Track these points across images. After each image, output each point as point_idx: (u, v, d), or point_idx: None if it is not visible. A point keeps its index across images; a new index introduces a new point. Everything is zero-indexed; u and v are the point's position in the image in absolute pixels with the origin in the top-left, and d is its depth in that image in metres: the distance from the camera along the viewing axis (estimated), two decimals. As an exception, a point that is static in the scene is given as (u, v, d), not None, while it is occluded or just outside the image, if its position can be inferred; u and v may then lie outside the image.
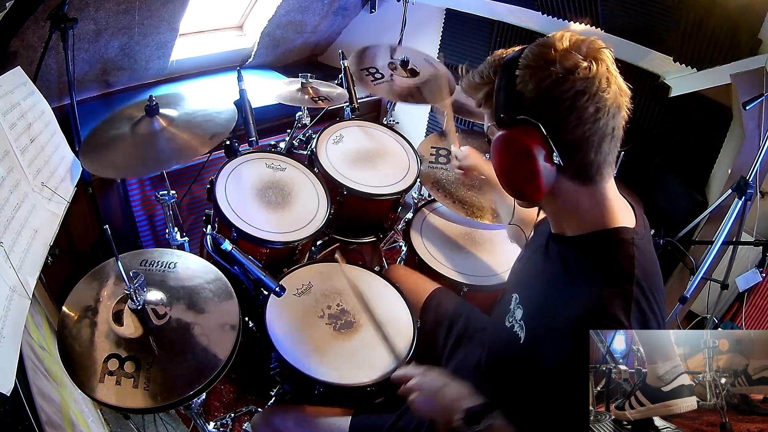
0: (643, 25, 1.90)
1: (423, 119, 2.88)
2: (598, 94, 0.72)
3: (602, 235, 0.80)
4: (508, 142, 0.77)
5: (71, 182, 1.34)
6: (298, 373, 1.13)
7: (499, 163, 0.81)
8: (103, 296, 1.09)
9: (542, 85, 0.72)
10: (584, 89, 0.71)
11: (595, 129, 0.74)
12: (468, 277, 1.55)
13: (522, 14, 2.26)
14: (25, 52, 1.55)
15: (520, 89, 0.74)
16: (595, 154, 0.76)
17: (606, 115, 0.74)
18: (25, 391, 0.93)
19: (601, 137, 0.75)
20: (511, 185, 0.82)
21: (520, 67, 0.74)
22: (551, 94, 0.72)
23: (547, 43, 0.75)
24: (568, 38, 0.74)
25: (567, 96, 0.72)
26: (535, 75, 0.73)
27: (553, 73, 0.71)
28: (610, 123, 0.75)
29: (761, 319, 2.07)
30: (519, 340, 0.85)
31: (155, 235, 2.08)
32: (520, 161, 0.76)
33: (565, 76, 0.71)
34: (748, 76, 1.67)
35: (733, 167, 1.84)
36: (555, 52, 0.72)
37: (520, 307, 0.88)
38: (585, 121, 0.73)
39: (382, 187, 1.67)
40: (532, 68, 0.73)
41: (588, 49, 0.73)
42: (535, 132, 0.74)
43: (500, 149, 0.79)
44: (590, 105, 0.72)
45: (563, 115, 0.73)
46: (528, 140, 0.74)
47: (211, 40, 2.41)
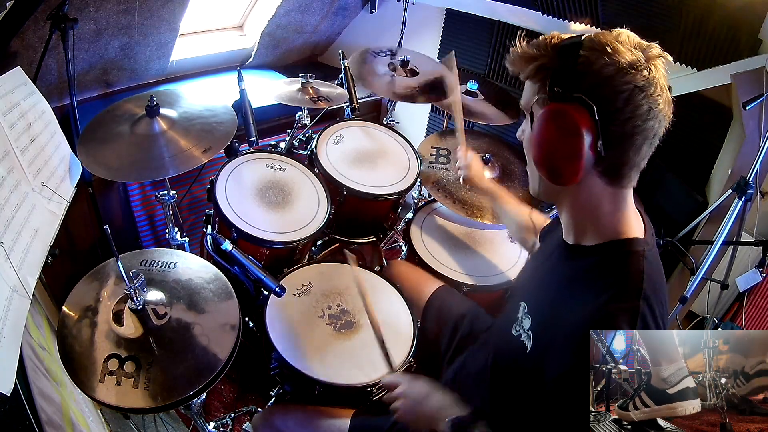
0: (643, 25, 1.89)
1: (423, 119, 2.88)
2: (654, 95, 0.73)
3: (615, 246, 0.80)
4: (558, 115, 0.75)
5: (71, 182, 1.34)
6: (298, 373, 1.13)
7: (543, 137, 0.79)
8: (103, 296, 1.09)
9: (605, 71, 0.72)
10: (643, 87, 0.72)
11: (642, 128, 0.74)
12: (468, 276, 1.56)
13: (522, 14, 2.26)
14: (25, 52, 1.55)
15: (582, 69, 0.73)
16: (634, 153, 0.76)
17: (655, 118, 0.74)
18: (25, 391, 0.93)
19: (644, 139, 0.75)
20: (549, 161, 0.80)
21: (585, 49, 0.74)
22: (612, 81, 0.72)
23: (612, 35, 0.75)
24: (632, 37, 0.75)
25: (627, 88, 0.72)
26: (599, 59, 0.72)
27: (618, 62, 0.72)
28: (656, 127, 0.75)
29: (761, 319, 2.07)
30: (525, 349, 0.85)
31: (155, 235, 2.08)
32: (566, 138, 0.75)
33: (628, 69, 0.71)
34: (748, 76, 1.67)
35: (733, 167, 1.84)
36: (620, 45, 0.73)
37: (528, 317, 0.88)
38: (637, 117, 0.73)
39: (382, 187, 1.67)
40: (598, 52, 0.73)
41: (649, 52, 0.74)
42: (586, 114, 0.73)
43: (548, 121, 0.77)
44: (645, 103, 0.72)
45: (619, 105, 0.72)
46: (580, 119, 0.73)
47: (211, 40, 2.41)
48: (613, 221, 0.81)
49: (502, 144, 2.01)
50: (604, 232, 0.81)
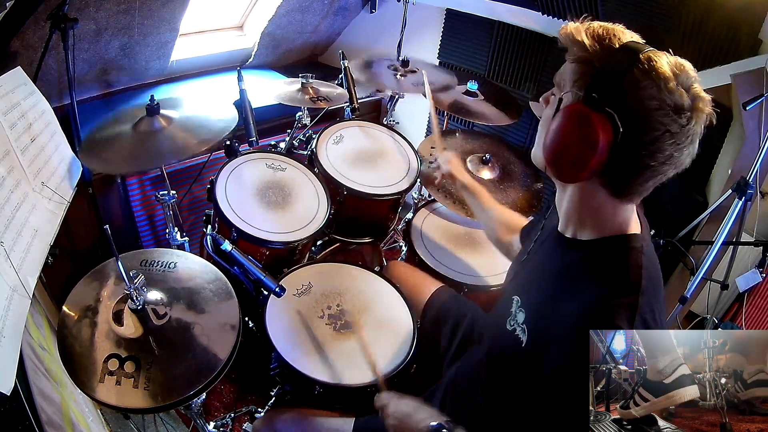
0: (643, 25, 1.89)
1: (423, 119, 2.88)
2: (681, 144, 0.72)
3: (613, 242, 0.80)
4: (584, 121, 0.73)
5: (71, 182, 1.34)
6: (297, 374, 1.13)
7: (560, 133, 0.77)
8: (103, 296, 1.09)
9: (649, 103, 0.70)
10: (676, 133, 0.71)
11: (657, 167, 0.74)
12: (468, 277, 1.56)
13: (522, 14, 2.26)
14: (25, 52, 1.55)
15: (627, 88, 0.71)
16: (639, 184, 0.76)
17: (672, 165, 0.74)
18: (25, 391, 0.93)
19: (653, 176, 0.75)
20: (557, 158, 0.79)
21: (639, 68, 0.71)
22: (650, 115, 0.70)
23: (672, 63, 0.72)
24: (691, 75, 0.72)
25: (660, 128, 0.70)
26: (648, 86, 0.70)
27: (664, 100, 0.69)
28: (670, 171, 0.75)
29: (761, 319, 2.07)
30: (521, 343, 0.85)
31: (155, 235, 2.09)
32: (580, 145, 0.74)
33: (671, 111, 0.70)
34: (748, 76, 1.67)
35: (733, 167, 1.84)
36: (675, 81, 0.70)
37: (522, 311, 0.88)
38: (656, 158, 0.72)
39: (382, 188, 1.67)
40: (651, 80, 0.70)
41: (697, 103, 0.71)
42: (610, 131, 0.72)
43: (571, 122, 0.75)
44: (669, 149, 0.71)
45: (645, 140, 0.71)
46: (602, 135, 0.72)
47: (211, 40, 2.41)
48: (612, 218, 0.81)
49: (502, 144, 2.01)
50: (603, 228, 0.81)
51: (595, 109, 0.72)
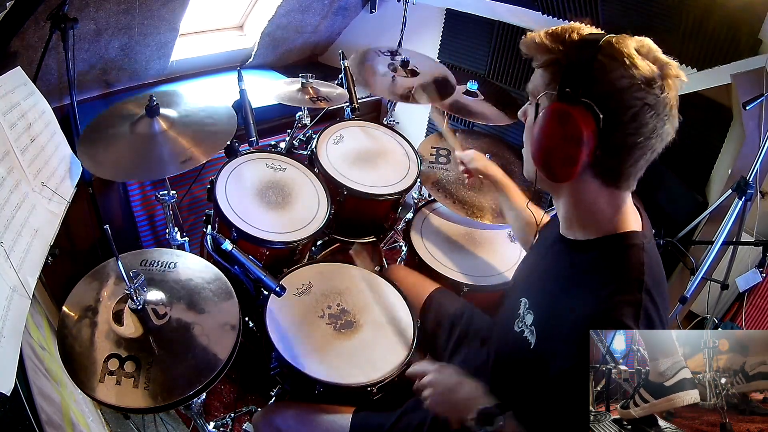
0: (643, 25, 1.89)
1: (423, 119, 2.88)
2: (662, 115, 0.73)
3: (613, 240, 0.80)
4: (564, 117, 0.75)
5: (71, 182, 1.34)
6: (298, 373, 1.13)
7: (544, 135, 0.79)
8: (103, 296, 1.09)
9: (619, 83, 0.71)
10: (653, 105, 0.72)
11: (643, 145, 0.74)
12: (468, 277, 1.55)
13: (522, 14, 2.26)
14: (25, 52, 1.55)
15: (597, 75, 0.73)
16: (631, 165, 0.77)
17: (658, 137, 0.74)
18: (25, 391, 0.93)
19: (642, 154, 0.76)
20: (546, 160, 0.80)
21: (603, 54, 0.73)
22: (624, 95, 0.71)
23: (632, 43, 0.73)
24: (653, 49, 0.74)
25: (637, 104, 0.71)
26: (615, 69, 0.72)
27: (633, 76, 0.71)
28: (657, 145, 0.76)
29: (761, 319, 2.07)
30: (529, 345, 0.85)
31: (155, 235, 2.08)
32: (566, 142, 0.75)
33: (643, 85, 0.71)
34: (748, 76, 1.67)
35: (733, 167, 1.84)
36: (639, 57, 0.72)
37: (530, 313, 0.88)
38: (641, 133, 0.73)
39: (382, 187, 1.67)
40: (615, 61, 0.72)
41: (666, 70, 0.73)
42: (591, 121, 0.73)
43: (552, 122, 0.77)
44: (651, 121, 0.73)
45: (625, 119, 0.72)
46: (584, 126, 0.73)
47: (211, 40, 2.41)
48: (610, 218, 0.81)
49: (502, 144, 2.01)
50: (602, 227, 0.82)
51: (572, 103, 0.74)
